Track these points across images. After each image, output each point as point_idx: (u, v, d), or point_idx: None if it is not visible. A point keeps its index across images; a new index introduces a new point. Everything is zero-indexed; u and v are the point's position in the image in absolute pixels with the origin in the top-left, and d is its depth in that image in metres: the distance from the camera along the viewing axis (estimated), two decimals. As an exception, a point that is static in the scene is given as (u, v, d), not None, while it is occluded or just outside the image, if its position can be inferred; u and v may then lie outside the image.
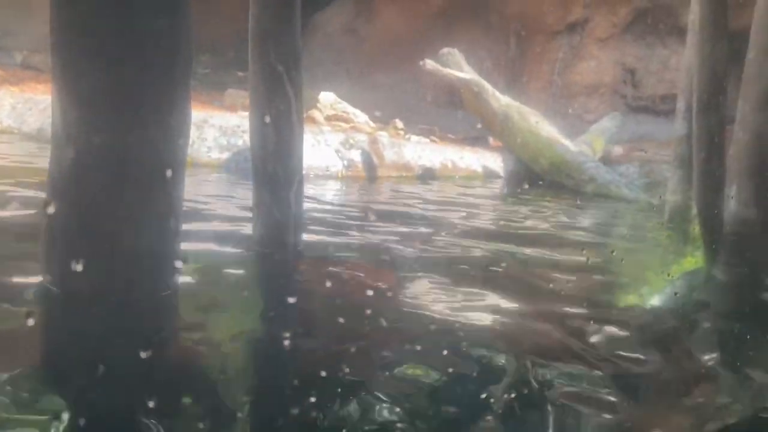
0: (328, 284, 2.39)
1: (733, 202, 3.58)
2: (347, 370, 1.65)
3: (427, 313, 2.18)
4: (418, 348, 1.87)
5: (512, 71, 10.95)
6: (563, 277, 2.88)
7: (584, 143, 8.06)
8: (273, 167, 2.55)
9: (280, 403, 1.53)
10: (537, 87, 11.06)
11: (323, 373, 1.60)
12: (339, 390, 1.55)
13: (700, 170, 3.25)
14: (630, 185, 7.17)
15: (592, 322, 2.27)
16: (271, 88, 2.50)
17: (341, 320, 2.03)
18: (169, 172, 1.95)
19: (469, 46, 8.86)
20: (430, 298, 2.38)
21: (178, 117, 1.97)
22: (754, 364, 2.03)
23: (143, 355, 1.60)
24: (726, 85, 3.17)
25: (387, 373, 1.68)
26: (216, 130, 6.09)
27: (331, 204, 4.97)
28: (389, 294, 2.37)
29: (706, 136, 3.13)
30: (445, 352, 1.84)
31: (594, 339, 2.13)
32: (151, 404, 1.40)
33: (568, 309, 2.43)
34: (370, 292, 2.32)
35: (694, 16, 4.04)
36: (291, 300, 2.21)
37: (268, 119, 2.57)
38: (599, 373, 1.81)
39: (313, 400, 1.46)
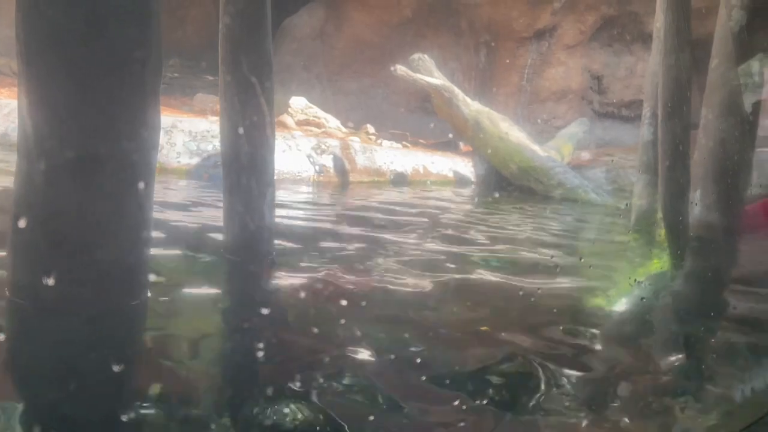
0: (301, 293, 2.38)
1: (698, 207, 3.68)
2: (317, 382, 1.64)
3: (399, 315, 2.18)
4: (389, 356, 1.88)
5: (482, 77, 11.06)
6: (531, 280, 2.91)
7: (553, 148, 8.18)
8: (244, 173, 2.53)
9: (249, 414, 1.51)
10: (506, 93, 11.19)
11: (293, 386, 1.59)
12: (306, 404, 1.55)
13: (666, 175, 3.33)
14: (597, 190, 7.30)
15: (559, 324, 2.30)
16: (242, 92, 2.49)
17: (314, 330, 2.02)
18: (141, 183, 1.92)
19: (439, 52, 8.93)
20: (404, 303, 2.38)
21: (149, 127, 1.94)
22: (719, 366, 2.08)
23: (114, 367, 1.58)
24: (690, 92, 3.26)
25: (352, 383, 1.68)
26: (185, 135, 6.01)
27: (303, 209, 4.95)
28: (363, 302, 2.37)
29: (671, 141, 3.21)
30: (417, 360, 1.85)
31: (559, 341, 2.16)
32: (122, 416, 1.38)
33: (535, 311, 2.46)
34: (344, 301, 2.32)
35: (659, 24, 4.15)
36: (263, 310, 2.20)
37: (240, 129, 2.55)
38: (565, 374, 1.83)
39: (281, 410, 1.45)
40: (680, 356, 2.21)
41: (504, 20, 10.89)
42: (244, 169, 2.56)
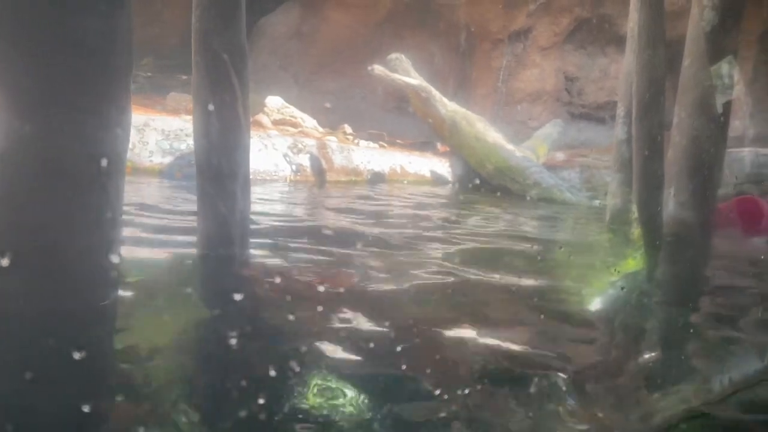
0: (275, 290, 2.34)
1: (672, 204, 3.71)
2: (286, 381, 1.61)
3: (376, 314, 2.16)
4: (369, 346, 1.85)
5: (459, 78, 11.09)
6: (508, 278, 2.91)
7: (528, 149, 8.24)
8: (218, 161, 2.48)
9: (218, 411, 1.48)
10: (483, 94, 11.24)
11: (263, 382, 1.56)
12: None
13: (640, 173, 3.36)
14: (572, 189, 7.37)
15: (535, 322, 2.30)
16: (215, 88, 2.44)
17: (287, 325, 1.99)
18: (110, 181, 1.87)
19: (416, 52, 8.93)
20: (381, 300, 2.36)
21: (118, 120, 1.89)
22: (695, 362, 2.09)
23: (80, 366, 1.53)
24: (664, 90, 3.29)
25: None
26: (158, 133, 5.92)
27: (279, 208, 4.90)
28: (339, 298, 2.34)
29: (646, 138, 3.24)
30: (395, 355, 1.82)
31: (535, 338, 2.15)
32: (87, 415, 1.34)
33: (514, 310, 2.46)
34: (319, 297, 2.29)
35: (633, 24, 4.19)
36: (236, 306, 2.15)
37: (214, 127, 2.50)
38: (545, 372, 1.82)
39: (250, 409, 1.42)
40: (654, 352, 2.22)
41: (480, 21, 10.95)
42: (218, 167, 2.51)
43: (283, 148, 6.56)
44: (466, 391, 1.64)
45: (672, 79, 3.93)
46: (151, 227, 3.27)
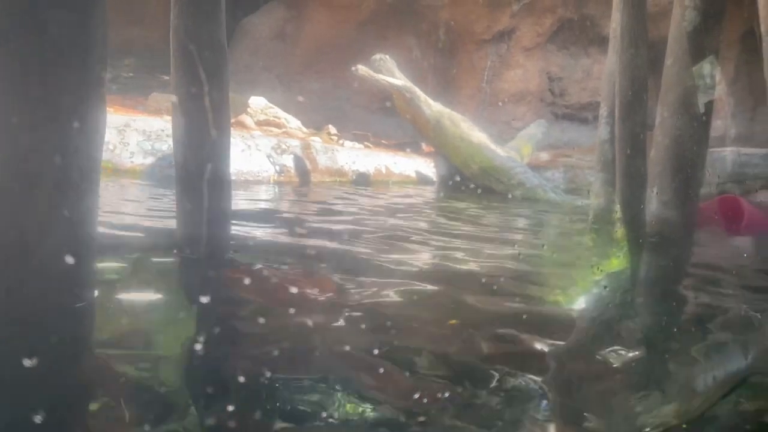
0: (254, 292, 2.30)
1: (654, 203, 3.72)
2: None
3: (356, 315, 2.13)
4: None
5: (443, 78, 11.09)
6: (492, 278, 2.89)
7: (513, 149, 8.25)
8: (196, 161, 2.43)
9: (195, 414, 1.44)
10: (467, 94, 11.25)
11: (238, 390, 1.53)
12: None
13: (623, 172, 3.36)
14: (556, 189, 7.40)
15: (518, 323, 2.29)
16: (194, 86, 2.40)
17: (266, 326, 1.95)
18: (84, 181, 1.82)
19: (400, 53, 8.91)
20: (363, 301, 2.33)
21: (92, 120, 1.84)
22: (679, 362, 2.09)
23: (53, 368, 1.49)
24: (646, 89, 3.29)
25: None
26: (139, 134, 5.84)
27: (262, 208, 4.86)
28: (323, 299, 2.31)
29: (629, 138, 3.24)
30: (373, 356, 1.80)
31: (518, 339, 2.14)
32: (61, 420, 1.30)
33: (496, 310, 2.44)
34: (300, 299, 2.26)
35: (615, 24, 4.20)
36: (214, 309, 2.12)
37: (193, 126, 2.46)
38: (530, 371, 1.81)
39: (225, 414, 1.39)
40: (636, 353, 2.21)
41: (464, 22, 10.95)
42: (196, 167, 2.47)
43: (267, 149, 6.51)
44: (446, 394, 1.62)
45: (654, 79, 3.95)
46: (130, 228, 3.22)
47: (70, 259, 1.85)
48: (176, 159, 2.54)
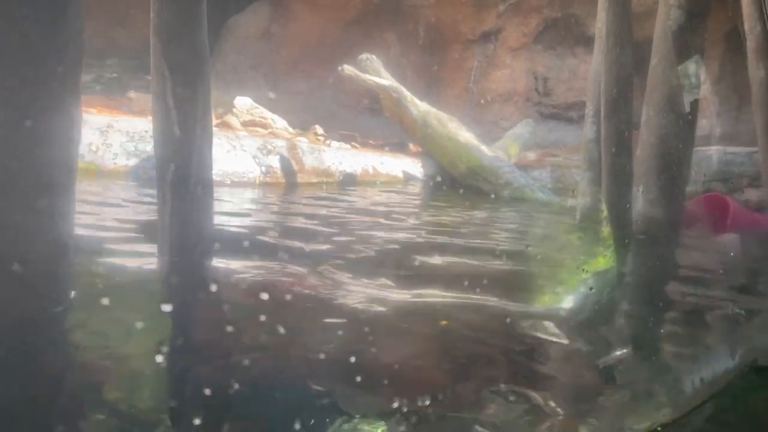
0: (240, 293, 2.27)
1: (641, 202, 3.72)
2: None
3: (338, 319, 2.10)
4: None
5: (430, 78, 11.08)
6: (480, 277, 2.87)
7: (500, 149, 8.26)
8: (178, 163, 2.38)
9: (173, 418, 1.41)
10: (454, 94, 11.25)
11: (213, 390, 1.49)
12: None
13: (609, 171, 3.36)
14: (543, 189, 7.40)
15: (506, 322, 2.27)
16: (175, 84, 2.35)
17: (249, 329, 1.92)
18: (60, 183, 1.78)
19: (387, 52, 8.89)
20: (346, 302, 2.30)
21: (67, 121, 1.79)
22: (665, 360, 2.08)
23: (31, 372, 1.46)
24: (631, 88, 3.29)
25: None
26: (123, 135, 5.77)
27: (247, 209, 4.81)
28: (306, 301, 2.27)
29: (615, 137, 3.24)
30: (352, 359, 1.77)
31: (506, 337, 2.12)
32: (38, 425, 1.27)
33: (484, 309, 2.42)
34: (283, 301, 2.22)
35: (600, 24, 4.20)
36: (199, 312, 2.08)
37: (174, 126, 2.41)
38: (517, 371, 1.79)
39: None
40: (622, 352, 2.20)
41: (450, 22, 10.95)
42: (177, 169, 2.42)
43: (253, 150, 6.45)
44: (429, 394, 1.60)
45: (640, 78, 3.95)
46: (111, 230, 3.17)
47: (46, 262, 1.81)
48: (156, 161, 2.50)
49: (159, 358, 1.82)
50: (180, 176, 2.43)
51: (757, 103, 4.95)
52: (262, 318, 2.05)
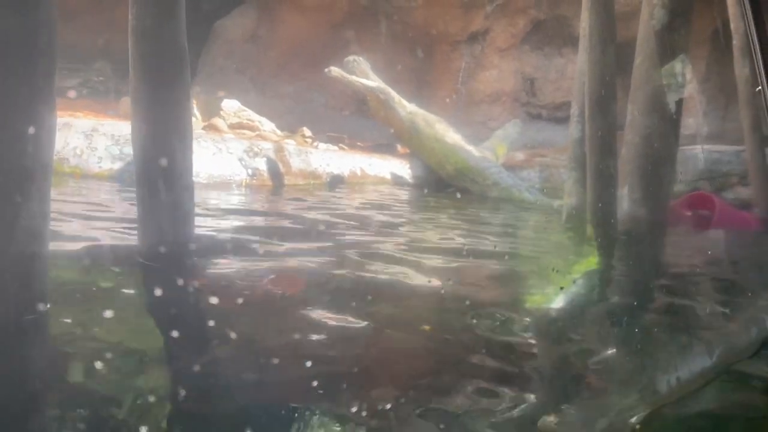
0: (220, 296, 2.24)
1: (626, 202, 3.72)
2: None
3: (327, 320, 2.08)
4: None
5: (418, 80, 11.07)
6: (471, 279, 2.87)
7: (488, 149, 8.25)
8: (157, 165, 2.36)
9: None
10: (442, 95, 11.24)
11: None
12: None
13: (594, 171, 3.36)
14: (530, 189, 7.41)
15: (496, 321, 2.26)
16: (154, 87, 2.33)
17: (233, 334, 1.89)
18: (33, 188, 1.75)
19: (374, 54, 8.87)
20: (335, 304, 2.29)
21: (41, 124, 1.77)
22: (647, 357, 2.07)
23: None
24: (615, 88, 3.29)
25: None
26: (108, 138, 5.72)
27: (231, 212, 4.78)
28: (292, 302, 2.25)
29: (599, 136, 3.24)
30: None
31: (496, 337, 2.11)
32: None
33: (475, 310, 2.41)
34: (266, 303, 2.20)
35: (585, 23, 4.21)
36: (179, 316, 2.05)
37: (153, 129, 2.39)
38: (506, 369, 1.78)
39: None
40: (606, 350, 2.20)
41: (438, 23, 10.95)
42: (157, 171, 2.40)
43: (239, 152, 6.42)
44: (417, 391, 1.58)
45: (625, 78, 3.95)
46: (93, 232, 3.13)
47: (18, 268, 1.77)
48: (136, 163, 2.47)
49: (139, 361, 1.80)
50: (158, 177, 2.41)
51: (743, 102, 4.98)
52: (235, 318, 2.03)
